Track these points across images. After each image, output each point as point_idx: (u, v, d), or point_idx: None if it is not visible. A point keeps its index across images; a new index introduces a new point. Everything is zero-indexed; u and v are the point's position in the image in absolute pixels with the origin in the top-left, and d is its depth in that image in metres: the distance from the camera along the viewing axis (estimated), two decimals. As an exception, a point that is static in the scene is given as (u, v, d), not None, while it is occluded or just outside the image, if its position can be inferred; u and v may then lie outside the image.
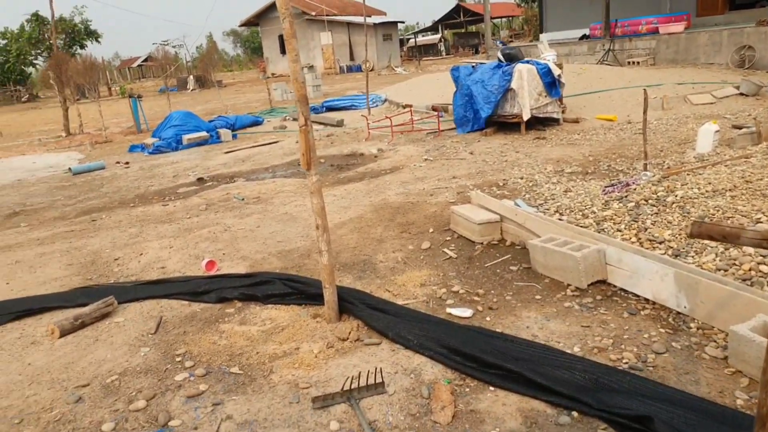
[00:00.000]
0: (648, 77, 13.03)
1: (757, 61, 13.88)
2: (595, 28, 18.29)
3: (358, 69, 36.11)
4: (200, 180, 8.69)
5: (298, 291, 4.07)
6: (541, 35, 20.63)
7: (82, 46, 43.92)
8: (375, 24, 38.25)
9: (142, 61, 66.79)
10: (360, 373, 2.94)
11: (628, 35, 16.96)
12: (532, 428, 2.57)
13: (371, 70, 32.46)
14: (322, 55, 37.75)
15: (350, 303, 3.73)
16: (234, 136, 12.72)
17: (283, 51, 39.77)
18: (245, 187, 7.86)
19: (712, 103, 10.85)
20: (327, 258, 3.63)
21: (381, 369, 2.99)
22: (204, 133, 12.13)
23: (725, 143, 7.04)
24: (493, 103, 9.72)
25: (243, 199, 7.16)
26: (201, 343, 3.57)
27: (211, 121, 13.46)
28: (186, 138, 11.82)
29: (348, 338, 3.44)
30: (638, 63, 15.89)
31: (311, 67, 21.47)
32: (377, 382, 2.90)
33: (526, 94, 9.44)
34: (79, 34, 43.18)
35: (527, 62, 9.85)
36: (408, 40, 53.06)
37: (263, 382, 3.08)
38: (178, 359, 3.39)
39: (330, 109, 15.93)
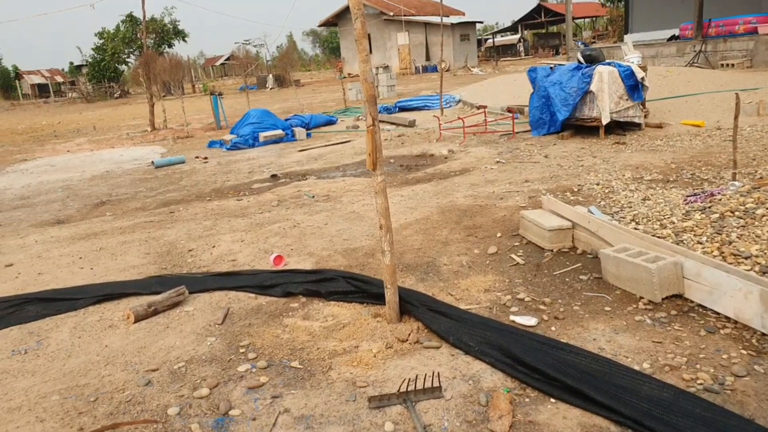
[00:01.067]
0: (743, 81, 12.18)
1: None
2: (685, 28, 17.33)
3: (434, 69, 36.03)
4: (274, 177, 8.96)
5: (361, 289, 4.11)
6: (625, 36, 19.81)
7: (171, 45, 46.50)
8: (452, 24, 38.01)
9: (225, 60, 69.82)
10: (417, 375, 2.93)
11: (723, 35, 15.94)
12: (594, 446, 2.47)
13: (447, 71, 32.31)
14: (399, 55, 37.93)
15: (411, 304, 3.72)
16: (308, 135, 13.02)
17: (360, 51, 40.32)
18: (316, 185, 8.03)
19: (815, 109, 9.99)
20: (389, 258, 3.64)
21: (439, 373, 2.96)
22: (280, 131, 12.50)
23: (828, 153, 6.47)
24: (571, 106, 9.41)
25: (313, 197, 7.32)
26: (265, 335, 3.68)
27: (287, 120, 13.85)
28: (262, 135, 12.21)
29: (407, 340, 3.43)
30: (733, 65, 14.91)
31: (386, 67, 21.62)
32: (434, 386, 2.88)
33: (606, 98, 9.07)
34: (167, 33, 45.75)
35: (609, 64, 9.47)
36: (486, 40, 52.37)
37: (322, 378, 3.13)
38: (242, 350, 3.50)
39: (403, 109, 15.98)
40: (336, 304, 4.02)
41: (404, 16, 36.00)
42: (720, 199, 4.83)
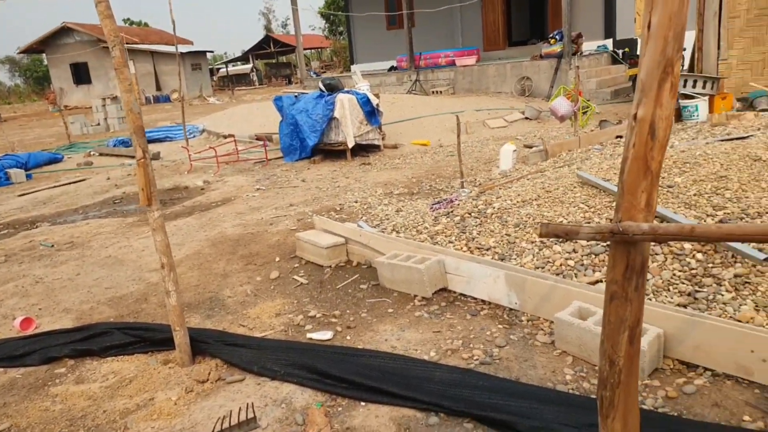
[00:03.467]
0: (451, 105, 14.45)
1: (534, 89, 16.20)
2: (401, 60, 19.77)
3: (167, 99, 34.32)
4: (-8, 228, 7.53)
5: (142, 338, 3.76)
6: (352, 66, 21.70)
7: None
8: (182, 53, 36.76)
9: None
10: (231, 411, 2.83)
11: (431, 67, 18.65)
12: (406, 434, 2.71)
13: (180, 101, 31.15)
14: (125, 85, 35.13)
15: (205, 342, 3.56)
16: (29, 177, 11.23)
17: (78, 81, 36.23)
18: (53, 232, 7.01)
19: (505, 127, 12.41)
20: (175, 298, 3.43)
21: (251, 404, 2.90)
22: (-12, 176, 10.55)
23: (521, 161, 8.09)
24: (319, 132, 9.98)
25: (52, 246, 6.38)
26: (29, 412, 3.11)
27: (-4, 161, 11.74)
28: (-37, 181, 10.16)
29: (208, 379, 3.27)
30: (441, 92, 17.53)
31: (115, 98, 19.89)
32: (249, 417, 2.81)
33: (349, 123, 9.87)
34: None
35: (347, 92, 10.31)
36: (218, 69, 51.84)
37: (118, 441, 2.80)
38: (3, 436, 2.92)
39: (142, 142, 14.87)
40: (115, 360, 3.61)
41: (127, 44, 33.58)
42: (458, 204, 5.69)
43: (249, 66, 51.15)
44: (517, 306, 3.81)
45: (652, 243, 3.91)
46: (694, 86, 9.10)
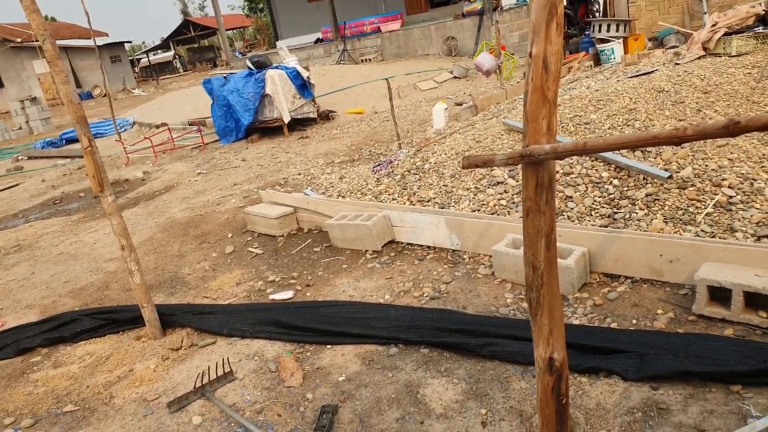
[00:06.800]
0: (381, 71, 14.65)
1: (461, 49, 16.59)
2: (326, 31, 19.73)
3: (89, 96, 32.86)
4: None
5: (111, 320, 3.92)
6: (277, 43, 21.45)
7: None
8: (100, 46, 35.06)
9: None
10: (209, 367, 3.08)
11: (357, 35, 18.71)
12: (370, 365, 3.04)
13: (104, 96, 29.88)
14: (41, 85, 33.38)
15: (172, 315, 3.76)
16: (-44, 188, 10.78)
17: (-12, 84, 33.98)
18: (-5, 239, 6.90)
19: (436, 88, 12.76)
20: (139, 277, 3.60)
21: (227, 358, 3.16)
22: None
23: (453, 118, 8.46)
24: (253, 110, 10.02)
25: (-1, 251, 6.31)
26: (14, 397, 3.27)
27: None
28: None
29: (181, 346, 3.50)
30: (370, 60, 17.67)
31: (34, 99, 18.99)
32: (226, 371, 3.07)
33: (282, 98, 9.96)
34: None
35: (276, 68, 10.36)
36: (140, 60, 49.75)
37: (106, 408, 3.00)
38: (-8, 421, 3.07)
39: (71, 141, 14.40)
40: (88, 343, 3.77)
41: (37, 41, 31.77)
42: (398, 164, 6.00)
43: (171, 53, 49.37)
44: (458, 246, 4.18)
45: (574, 174, 4.34)
46: (608, 30, 9.67)
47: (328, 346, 3.28)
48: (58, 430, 2.89)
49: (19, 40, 31.82)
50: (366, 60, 17.67)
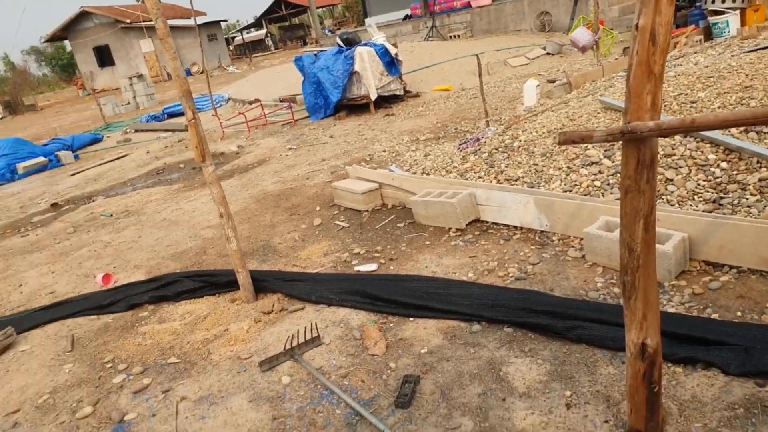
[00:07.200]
0: (470, 48, 14.38)
1: (554, 24, 15.93)
2: (415, 7, 19.57)
3: (188, 73, 34.64)
4: (54, 205, 8.08)
5: (209, 283, 4.19)
6: (366, 20, 21.53)
7: None
8: (199, 25, 36.81)
9: None
10: (298, 330, 3.23)
11: (446, 12, 18.42)
12: (453, 340, 3.06)
13: (201, 73, 31.41)
14: (146, 63, 35.58)
15: (264, 281, 3.96)
16: (76, 157, 11.84)
17: (102, 64, 36.70)
18: (109, 204, 7.52)
19: (527, 64, 12.36)
20: (236, 243, 3.81)
21: (316, 324, 3.30)
22: (42, 159, 11.14)
23: (545, 96, 8.18)
24: (341, 88, 10.17)
25: (111, 215, 6.88)
26: (126, 347, 3.59)
27: (45, 145, 12.35)
28: (21, 166, 10.78)
29: (273, 310, 3.68)
30: (458, 36, 17.37)
31: (141, 76, 20.33)
32: (314, 336, 3.21)
33: (370, 75, 10.03)
34: None
35: (365, 45, 10.43)
36: (234, 38, 51.73)
37: (205, 363, 3.23)
38: (108, 365, 3.39)
39: (172, 115, 15.33)
40: (188, 303, 4.06)
41: (144, 22, 33.80)
42: (485, 142, 5.91)
43: (263, 32, 50.88)
44: (547, 227, 4.08)
45: (677, 155, 4.10)
46: (723, 1, 8.89)
47: (411, 319, 3.33)
48: (163, 378, 3.15)
49: (128, 21, 33.99)
50: (455, 36, 17.38)
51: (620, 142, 2.17)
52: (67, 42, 40.24)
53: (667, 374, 2.48)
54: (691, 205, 3.74)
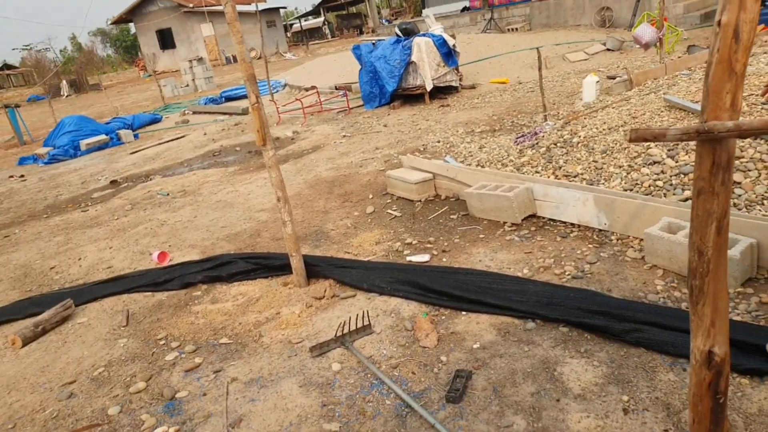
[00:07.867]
0: (528, 41, 14.06)
1: (615, 20, 15.39)
2: (474, -1, 19.24)
3: (245, 59, 35.25)
4: (114, 182, 8.41)
5: (262, 265, 4.26)
6: (424, 10, 21.33)
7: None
8: (259, 11, 37.38)
9: (-1, 70, 60.81)
10: (350, 317, 3.24)
11: (505, 4, 18.06)
12: (506, 337, 3.01)
13: (258, 58, 31.92)
14: (206, 47, 36.44)
15: (318, 266, 3.99)
16: (136, 136, 12.26)
17: (163, 46, 37.81)
18: (166, 183, 7.75)
19: (586, 60, 11.99)
20: (291, 227, 3.85)
21: (367, 312, 3.31)
22: (103, 137, 11.59)
23: (605, 92, 7.92)
24: (398, 77, 10.13)
25: (168, 194, 7.09)
26: (179, 325, 3.69)
27: (107, 124, 12.85)
28: (84, 143, 11.24)
29: (324, 296, 3.71)
30: (516, 29, 17.01)
31: (200, 59, 20.84)
32: (365, 324, 3.22)
33: (427, 66, 9.95)
34: None
35: (423, 35, 10.34)
36: (291, 25, 52.30)
37: (256, 345, 3.29)
38: (161, 342, 3.50)
39: (229, 98, 15.67)
40: (241, 284, 4.13)
41: (205, 6, 34.59)
42: (543, 136, 5.77)
43: (321, 19, 51.22)
44: (606, 226, 3.95)
45: (745, 158, 3.90)
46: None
47: (463, 313, 3.29)
48: (214, 358, 3.23)
49: (191, 5, 34.84)
50: (512, 29, 17.03)
51: (692, 142, 2.07)
52: (131, 24, 41.66)
53: (732, 385, 2.37)
54: (760, 209, 3.55)
